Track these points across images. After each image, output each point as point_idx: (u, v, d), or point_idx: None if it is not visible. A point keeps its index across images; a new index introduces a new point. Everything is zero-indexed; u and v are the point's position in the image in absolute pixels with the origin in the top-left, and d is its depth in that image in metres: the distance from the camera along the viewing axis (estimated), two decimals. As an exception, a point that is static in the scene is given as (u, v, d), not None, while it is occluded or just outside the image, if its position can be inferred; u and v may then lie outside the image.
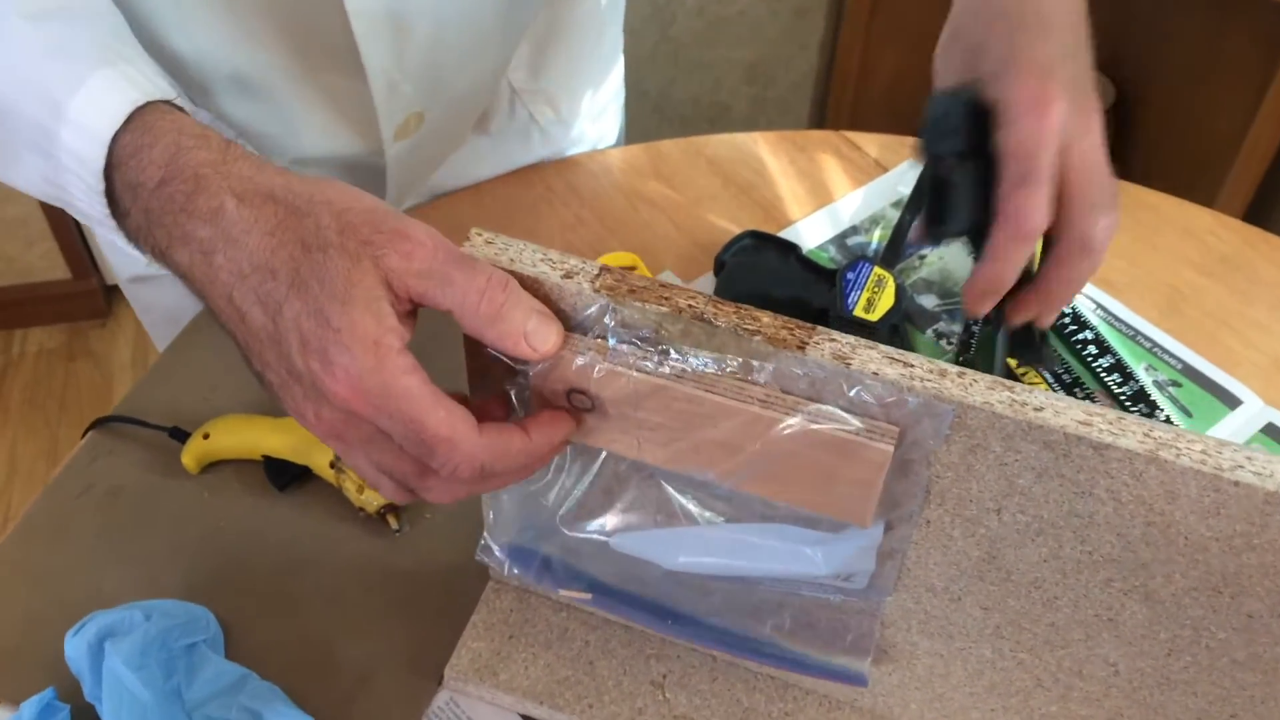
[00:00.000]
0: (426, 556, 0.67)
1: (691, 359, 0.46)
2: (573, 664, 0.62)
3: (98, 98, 0.48)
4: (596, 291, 0.47)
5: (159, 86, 0.49)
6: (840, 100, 2.08)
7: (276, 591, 0.66)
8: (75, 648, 0.60)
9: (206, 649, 0.62)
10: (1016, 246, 0.55)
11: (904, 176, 0.93)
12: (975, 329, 0.81)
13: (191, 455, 0.70)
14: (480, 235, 0.49)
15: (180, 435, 0.71)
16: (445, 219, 0.88)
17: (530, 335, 0.44)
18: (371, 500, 0.68)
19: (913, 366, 0.45)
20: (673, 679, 0.62)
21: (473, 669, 0.62)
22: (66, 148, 0.49)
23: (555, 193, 0.91)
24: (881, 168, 0.95)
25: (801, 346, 0.45)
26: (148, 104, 0.48)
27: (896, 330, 0.79)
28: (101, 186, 0.48)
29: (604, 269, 0.48)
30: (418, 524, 0.69)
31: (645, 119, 2.14)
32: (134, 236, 0.49)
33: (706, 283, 0.84)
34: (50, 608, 0.65)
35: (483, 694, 0.62)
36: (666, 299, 0.47)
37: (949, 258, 0.87)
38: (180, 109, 0.50)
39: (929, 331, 0.82)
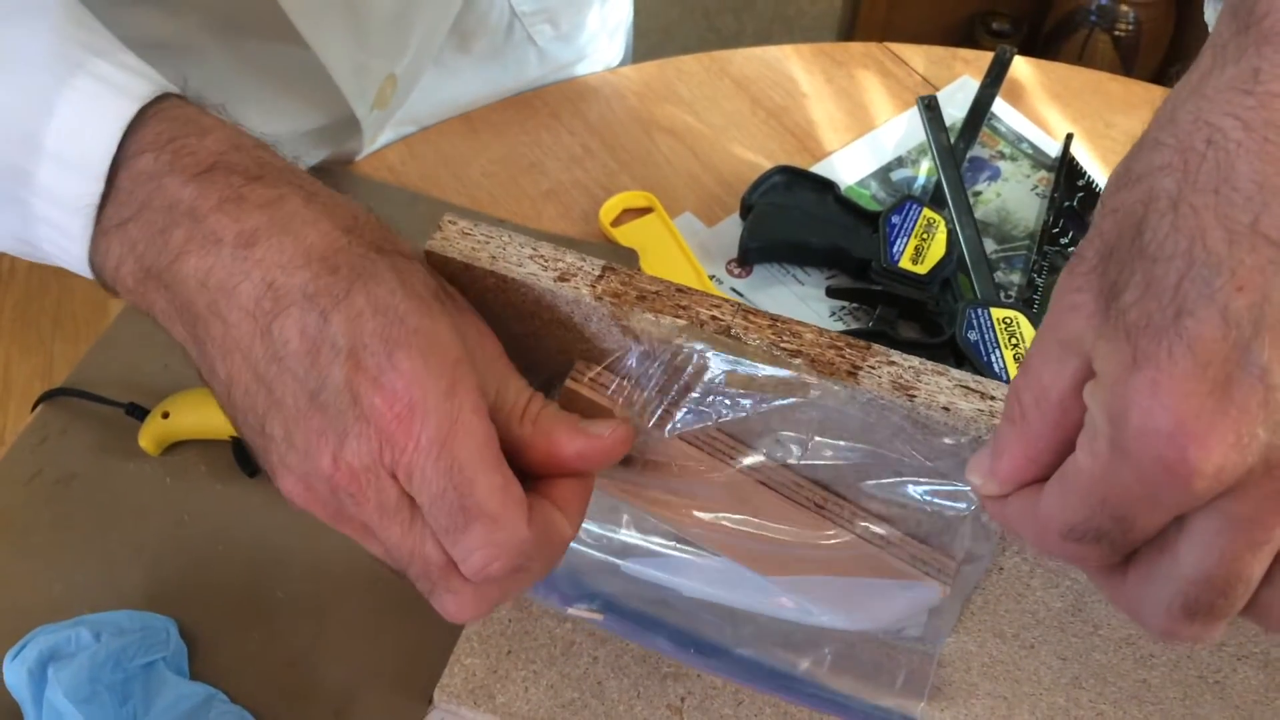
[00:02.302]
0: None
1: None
2: (579, 684, 0.55)
3: (81, 115, 0.37)
4: (598, 299, 0.38)
5: (151, 77, 0.38)
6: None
7: (247, 596, 0.59)
8: (14, 673, 0.53)
9: (166, 668, 0.55)
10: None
11: (954, 97, 0.82)
12: (1040, 280, 0.71)
13: (150, 436, 0.62)
14: (454, 224, 0.40)
15: (138, 412, 0.63)
16: (434, 153, 0.78)
17: (589, 426, 0.37)
18: (352, 490, 0.60)
19: (993, 399, 0.36)
20: (692, 703, 0.54)
21: (466, 690, 0.55)
22: (45, 191, 0.37)
23: (560, 120, 0.80)
24: (930, 85, 0.84)
25: (853, 372, 0.36)
26: (164, 96, 0.38)
27: (948, 284, 0.70)
28: (88, 216, 0.37)
29: (607, 268, 0.39)
30: (405, 515, 0.61)
31: (665, 10, 2.00)
32: (121, 262, 0.37)
33: (732, 226, 0.74)
34: (-7, 616, 0.58)
35: (477, 718, 0.55)
36: (684, 308, 0.38)
37: (1007, 195, 0.77)
38: (199, 100, 0.40)
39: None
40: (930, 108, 0.79)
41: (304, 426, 0.34)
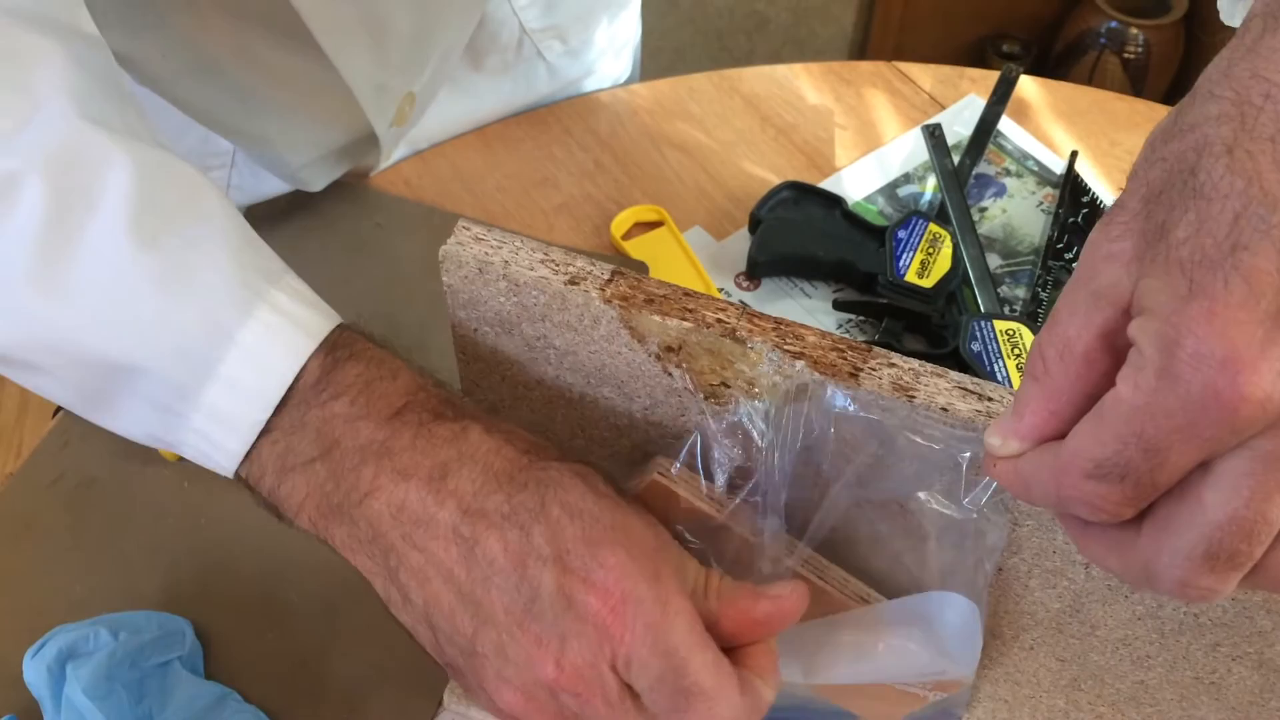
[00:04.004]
0: (427, 557, 0.61)
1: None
2: (587, 687, 0.56)
3: (259, 350, 0.39)
4: (607, 302, 0.39)
5: (324, 310, 0.40)
6: (889, 5, 1.94)
7: (262, 598, 0.60)
8: (34, 670, 0.54)
9: (181, 668, 0.56)
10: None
11: (960, 115, 0.84)
12: (1044, 295, 0.72)
13: (168, 442, 0.63)
14: (468, 230, 0.41)
15: (157, 418, 0.64)
16: (449, 167, 0.80)
17: (767, 590, 0.38)
18: (366, 495, 0.61)
19: (990, 400, 0.37)
20: None
21: (476, 691, 0.56)
22: (208, 409, 0.39)
23: (572, 135, 0.82)
24: (937, 104, 0.85)
25: (855, 374, 0.37)
26: (338, 330, 0.40)
27: (953, 298, 0.71)
28: (247, 439, 0.39)
29: (616, 273, 0.40)
30: (417, 520, 0.62)
31: (677, 31, 2.02)
32: (292, 492, 0.39)
33: (741, 240, 0.75)
34: (14, 616, 0.59)
35: (486, 719, 0.56)
36: (691, 311, 0.39)
37: (1012, 211, 0.78)
38: (368, 331, 0.42)
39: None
40: (934, 134, 0.80)
41: (521, 638, 0.36)
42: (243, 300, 0.39)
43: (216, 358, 0.38)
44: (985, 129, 0.81)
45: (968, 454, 0.37)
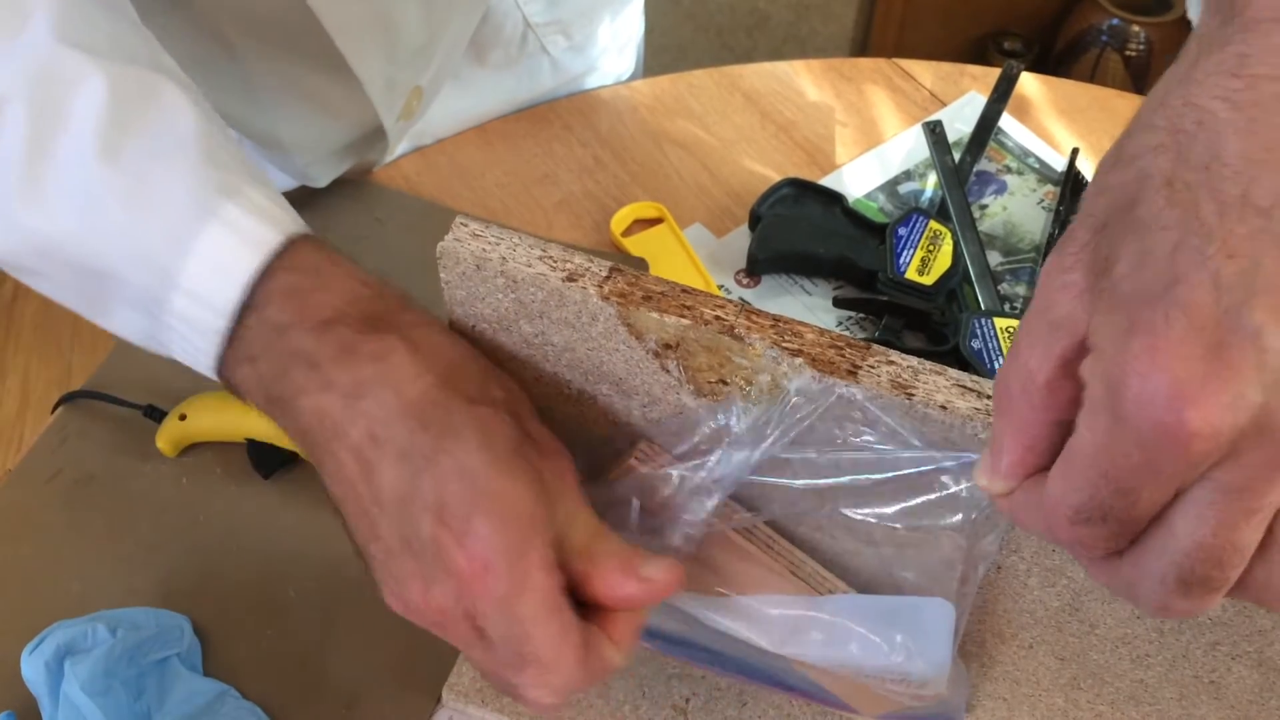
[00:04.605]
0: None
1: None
2: (585, 685, 0.56)
3: (214, 261, 0.41)
4: (605, 298, 0.39)
5: (279, 220, 0.42)
6: (890, 1, 1.94)
7: (260, 595, 0.60)
8: (33, 666, 0.54)
9: (180, 664, 0.56)
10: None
11: (961, 112, 0.83)
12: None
13: (167, 438, 0.63)
14: (466, 226, 0.41)
15: (156, 414, 0.64)
16: (449, 163, 0.79)
17: (640, 567, 0.39)
18: (364, 491, 0.61)
19: (989, 398, 0.37)
20: (697, 704, 0.55)
21: (474, 689, 0.56)
22: (177, 314, 0.42)
23: (572, 131, 0.82)
24: (938, 101, 0.85)
25: (853, 371, 0.37)
26: (290, 242, 0.41)
27: (954, 295, 0.71)
28: (217, 341, 0.41)
29: (614, 270, 0.40)
30: (416, 517, 0.62)
31: (678, 28, 2.02)
32: (246, 381, 0.42)
33: (741, 237, 0.75)
34: (12, 612, 0.59)
35: (485, 717, 0.55)
36: (689, 308, 0.39)
37: (1013, 208, 0.78)
38: (322, 239, 0.43)
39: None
40: (934, 131, 0.80)
41: (399, 564, 0.39)
42: (197, 213, 0.41)
43: (177, 268, 0.41)
44: (986, 126, 0.81)
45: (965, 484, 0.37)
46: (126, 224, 0.41)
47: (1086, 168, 0.79)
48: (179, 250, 0.41)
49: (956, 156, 0.78)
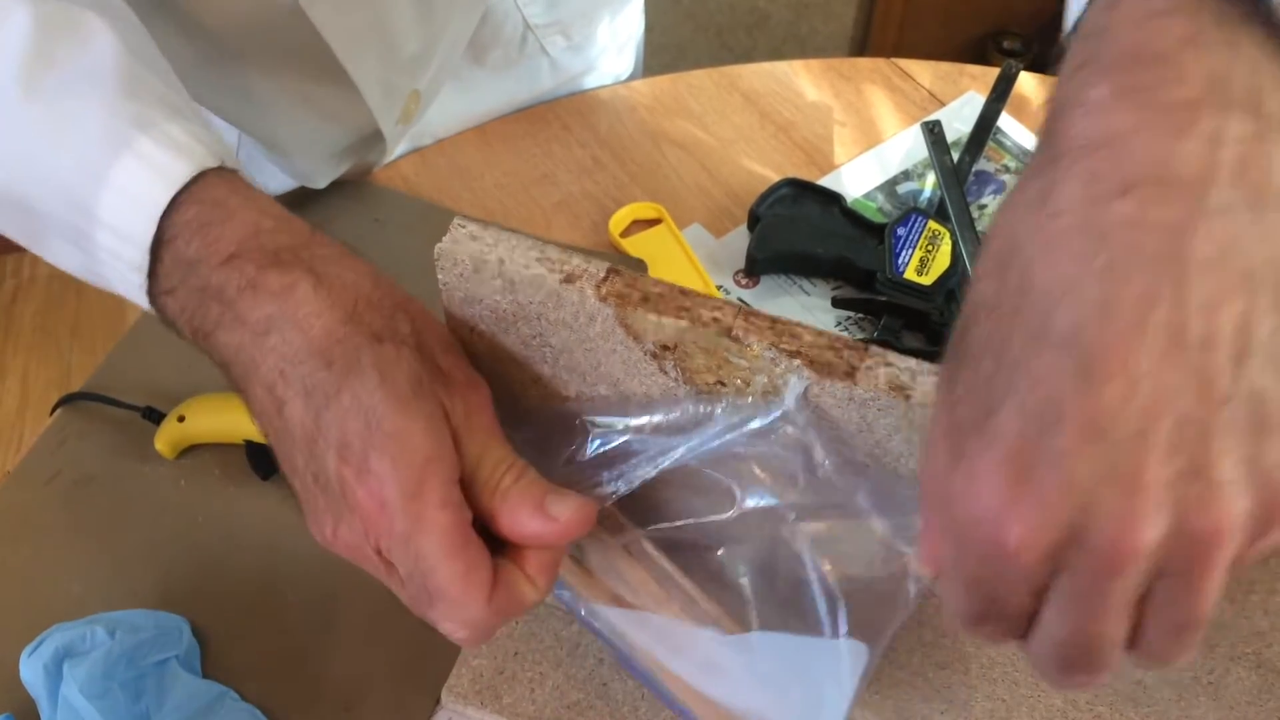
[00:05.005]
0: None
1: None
2: (584, 686, 0.56)
3: (127, 193, 0.41)
4: (603, 300, 0.39)
5: (193, 153, 0.42)
6: (890, 2, 1.94)
7: (259, 596, 0.60)
8: (31, 669, 0.54)
9: (179, 666, 0.56)
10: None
11: (960, 112, 0.83)
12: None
13: (165, 440, 0.63)
14: (464, 228, 0.41)
15: (155, 415, 0.64)
16: (448, 164, 0.79)
17: (550, 505, 0.39)
18: (363, 493, 0.61)
19: (988, 400, 0.36)
20: (696, 705, 0.55)
21: (473, 690, 0.56)
22: (104, 248, 0.42)
23: (571, 132, 0.82)
24: (937, 101, 0.85)
25: (851, 373, 0.37)
26: (201, 175, 0.41)
27: (953, 296, 0.71)
28: (143, 275, 0.41)
29: (612, 271, 0.40)
30: (415, 518, 0.62)
31: (678, 27, 2.02)
32: (172, 314, 0.42)
33: (740, 237, 0.75)
34: (11, 614, 0.59)
35: (484, 718, 0.55)
36: (686, 309, 0.39)
37: (1012, 208, 0.78)
38: (235, 171, 0.43)
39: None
40: (933, 131, 0.80)
41: (313, 498, 0.39)
42: (111, 145, 0.41)
43: (94, 201, 0.41)
44: (985, 126, 0.80)
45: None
46: (46, 157, 0.42)
47: (1085, 167, 0.79)
48: (94, 183, 0.41)
49: (955, 156, 0.78)
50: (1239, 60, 0.27)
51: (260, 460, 0.63)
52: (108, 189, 0.41)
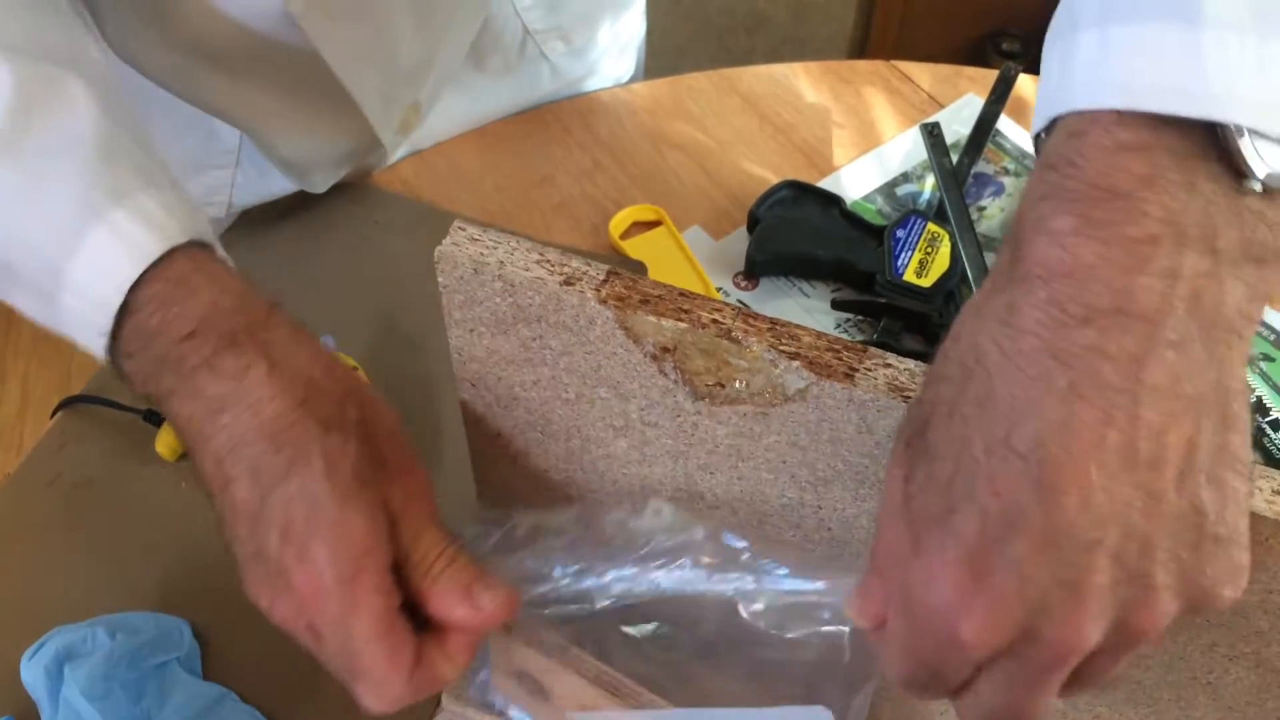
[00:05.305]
0: (425, 557, 0.61)
1: None
2: (584, 687, 0.56)
3: (96, 264, 0.42)
4: (602, 302, 0.39)
5: (165, 228, 0.42)
6: (889, 2, 1.94)
7: (259, 598, 0.59)
8: (32, 671, 0.54)
9: (179, 668, 0.56)
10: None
11: (959, 114, 0.84)
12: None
13: (166, 442, 0.64)
14: (464, 230, 0.41)
15: (155, 418, 0.65)
16: (448, 166, 0.80)
17: (476, 593, 0.41)
18: (364, 495, 0.61)
19: (986, 401, 0.36)
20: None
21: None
22: (68, 308, 0.43)
23: (571, 134, 0.82)
24: (936, 103, 0.85)
25: (850, 374, 0.37)
26: (173, 250, 0.42)
27: (952, 297, 0.71)
28: (106, 338, 0.42)
29: (611, 273, 0.40)
30: (415, 520, 0.62)
31: (677, 29, 2.02)
32: (131, 374, 0.43)
33: (739, 239, 0.75)
34: (12, 617, 0.59)
35: (485, 718, 0.55)
36: (686, 312, 0.39)
37: (1011, 210, 0.78)
38: (209, 246, 0.44)
39: (988, 296, 0.73)
40: (932, 133, 0.80)
41: (252, 570, 0.41)
42: (85, 216, 0.42)
43: (64, 267, 0.42)
44: (984, 128, 0.81)
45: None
46: (19, 218, 0.43)
47: (1084, 169, 0.79)
48: (65, 251, 0.42)
49: (954, 158, 0.78)
50: (1194, 199, 0.29)
51: (261, 462, 0.64)
52: (78, 258, 0.42)
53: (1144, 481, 0.29)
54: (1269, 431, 0.65)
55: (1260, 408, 0.66)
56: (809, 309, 0.72)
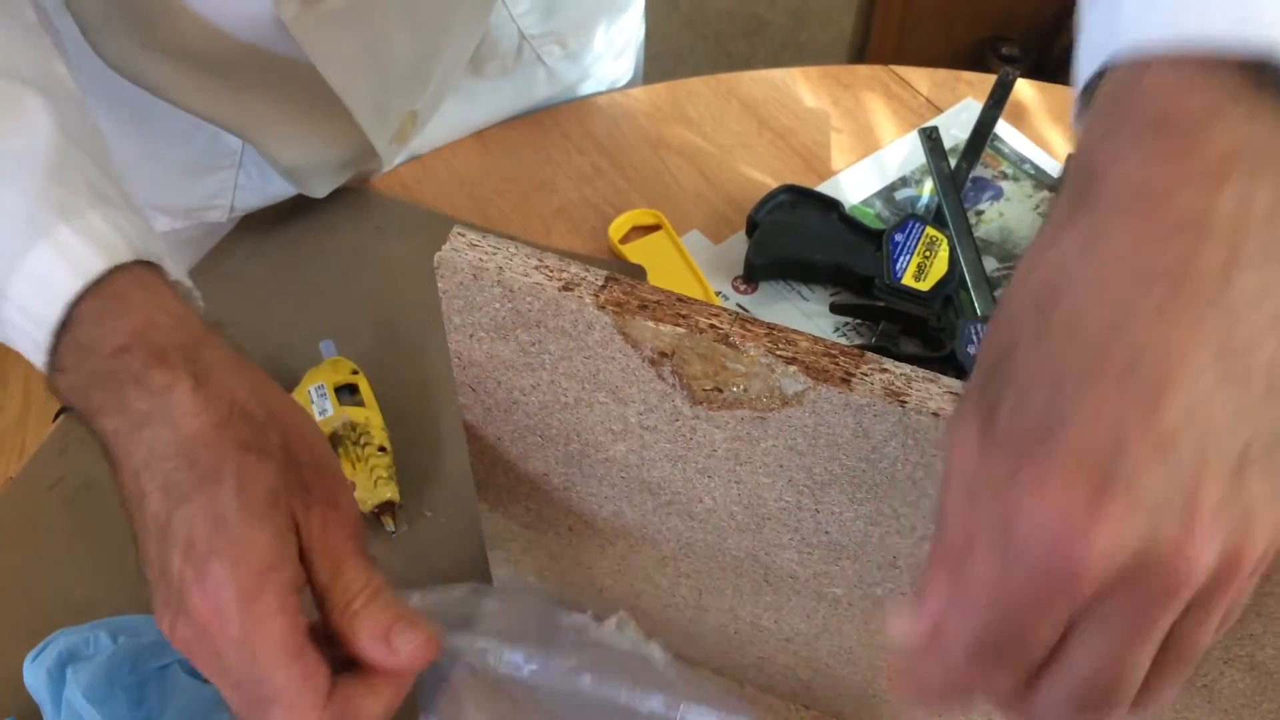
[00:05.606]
0: (423, 559, 0.61)
1: None
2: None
3: (38, 279, 0.42)
4: (601, 308, 0.39)
5: (111, 246, 0.43)
6: (888, 8, 1.95)
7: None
8: (35, 674, 0.54)
9: (181, 671, 0.56)
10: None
11: (957, 118, 0.84)
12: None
13: (168, 446, 0.64)
14: (463, 236, 0.41)
15: (157, 422, 0.65)
16: (448, 171, 0.80)
17: (395, 635, 0.40)
18: (365, 499, 0.62)
19: (982, 405, 0.37)
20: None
21: (473, 694, 0.56)
22: (11, 322, 0.44)
23: (570, 139, 0.82)
24: (934, 108, 0.85)
25: (847, 379, 0.37)
26: (117, 267, 0.42)
27: (950, 301, 0.71)
28: (44, 353, 0.43)
29: (610, 279, 0.40)
30: (415, 523, 0.63)
31: (676, 35, 2.02)
32: (64, 391, 0.43)
33: (738, 243, 0.76)
34: (15, 620, 0.59)
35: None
36: (684, 317, 0.39)
37: (1009, 214, 0.78)
38: (159, 267, 0.44)
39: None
40: (931, 138, 0.80)
41: (158, 590, 0.40)
42: (30, 232, 0.43)
43: (6, 281, 0.42)
44: (982, 132, 0.81)
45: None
46: None
47: (1082, 173, 0.80)
48: (8, 265, 0.42)
49: (953, 163, 0.79)
50: (1258, 127, 0.29)
51: (262, 466, 0.64)
52: (21, 272, 0.42)
53: (1237, 396, 0.28)
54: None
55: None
56: (808, 313, 0.72)
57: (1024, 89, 0.86)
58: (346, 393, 0.67)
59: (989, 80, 0.85)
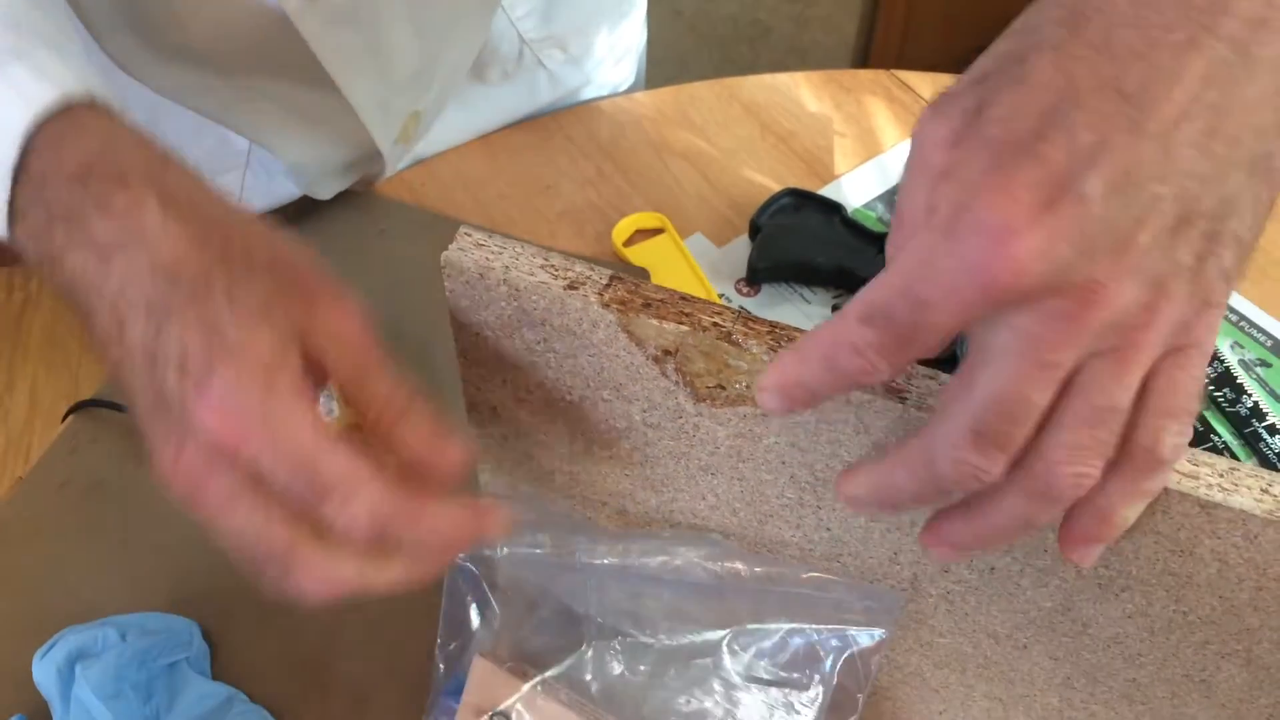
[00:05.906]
0: (430, 559, 0.62)
1: None
2: (588, 687, 0.56)
3: None
4: (605, 306, 0.40)
5: (63, 80, 0.41)
6: (891, 14, 1.95)
7: (267, 599, 0.60)
8: (44, 671, 0.55)
9: (189, 668, 0.57)
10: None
11: (961, 122, 0.84)
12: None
13: (176, 446, 0.64)
14: (470, 236, 0.42)
15: (165, 422, 0.65)
16: (453, 174, 0.81)
17: (440, 436, 0.38)
18: (370, 498, 0.62)
19: (981, 402, 0.37)
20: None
21: (478, 692, 0.56)
22: None
23: (574, 143, 0.83)
24: (936, 112, 0.86)
25: (847, 376, 0.38)
26: (72, 106, 0.41)
27: (951, 303, 0.72)
28: (4, 205, 0.40)
29: (614, 278, 0.41)
30: (421, 523, 0.63)
31: (680, 40, 2.03)
32: (25, 242, 0.41)
33: (741, 246, 0.76)
34: (24, 617, 0.60)
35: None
36: (687, 315, 0.40)
37: (1010, 217, 0.79)
38: (108, 105, 0.42)
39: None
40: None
41: (153, 425, 0.37)
42: None
43: None
44: (983, 136, 0.81)
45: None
46: None
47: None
48: None
49: (954, 166, 0.79)
50: None
51: (269, 466, 0.64)
52: None
53: (1216, 151, 0.30)
54: (1265, 437, 0.66)
55: (1257, 413, 0.66)
56: (810, 315, 0.73)
57: (1025, 93, 0.87)
58: (352, 394, 0.67)
59: (990, 84, 0.86)
